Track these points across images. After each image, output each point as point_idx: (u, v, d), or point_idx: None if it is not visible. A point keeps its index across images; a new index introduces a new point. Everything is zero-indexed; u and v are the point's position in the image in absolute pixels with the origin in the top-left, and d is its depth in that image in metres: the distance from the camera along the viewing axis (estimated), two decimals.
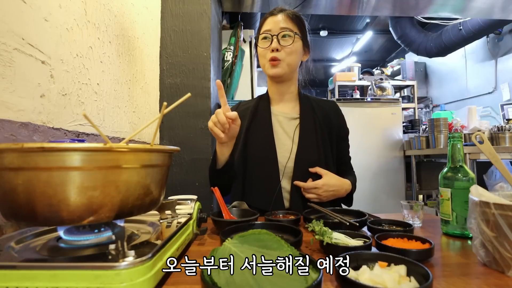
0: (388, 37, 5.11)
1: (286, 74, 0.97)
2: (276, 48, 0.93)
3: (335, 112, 1.07)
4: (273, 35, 0.94)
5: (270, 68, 0.96)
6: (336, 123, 1.05)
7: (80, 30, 0.82)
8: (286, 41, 0.94)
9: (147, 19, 1.36)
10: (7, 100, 0.57)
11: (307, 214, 0.76)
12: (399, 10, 2.52)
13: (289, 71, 0.97)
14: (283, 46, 0.94)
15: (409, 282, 0.38)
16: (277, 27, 0.94)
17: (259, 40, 0.98)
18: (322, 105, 1.06)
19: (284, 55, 0.94)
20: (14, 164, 0.36)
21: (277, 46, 0.93)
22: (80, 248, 0.43)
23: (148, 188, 0.45)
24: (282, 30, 0.94)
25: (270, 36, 0.94)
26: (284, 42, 0.94)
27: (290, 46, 0.94)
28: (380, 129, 3.17)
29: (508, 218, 0.44)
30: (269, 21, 0.96)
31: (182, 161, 1.54)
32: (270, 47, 0.94)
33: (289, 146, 0.97)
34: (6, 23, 0.57)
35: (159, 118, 0.45)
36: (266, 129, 0.99)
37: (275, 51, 0.93)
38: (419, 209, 0.75)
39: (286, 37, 0.94)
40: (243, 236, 0.43)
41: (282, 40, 0.94)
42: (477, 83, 4.13)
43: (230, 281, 0.34)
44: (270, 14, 0.98)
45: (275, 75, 0.97)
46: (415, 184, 3.05)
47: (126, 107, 1.11)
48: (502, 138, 2.32)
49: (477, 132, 0.65)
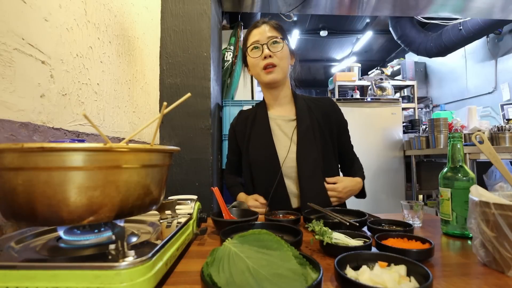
0: (388, 37, 5.11)
1: (281, 79, 1.01)
2: (269, 55, 0.97)
3: (332, 107, 1.09)
4: (262, 44, 0.98)
5: (265, 75, 0.99)
6: (335, 118, 1.07)
7: (80, 30, 0.82)
8: (275, 47, 0.98)
9: (147, 19, 1.36)
10: (7, 100, 0.57)
11: (307, 214, 0.76)
12: (399, 10, 2.52)
13: (283, 76, 1.01)
14: (274, 52, 0.98)
15: (409, 282, 0.38)
16: (264, 37, 0.99)
17: (248, 52, 1.02)
18: (318, 103, 1.09)
19: (277, 60, 0.98)
20: (14, 164, 0.36)
21: (269, 52, 0.97)
22: (80, 248, 0.43)
23: (148, 188, 0.45)
24: (270, 38, 0.98)
25: (260, 46, 0.99)
26: (274, 48, 0.98)
27: (281, 51, 0.98)
28: (380, 129, 3.17)
29: (508, 218, 0.44)
30: (255, 33, 1.01)
31: (182, 161, 1.54)
32: (262, 54, 0.98)
33: (287, 147, 1.00)
34: (6, 23, 0.57)
35: (159, 118, 0.45)
36: (265, 134, 1.02)
37: (268, 57, 0.97)
38: (419, 209, 0.75)
39: (275, 44, 0.99)
40: (243, 236, 0.43)
41: (272, 47, 0.98)
42: (477, 83, 4.13)
43: (230, 281, 0.34)
44: (254, 27, 1.03)
45: (272, 81, 1.00)
46: (415, 184, 3.05)
47: (126, 107, 1.11)
48: (502, 138, 2.32)
49: (477, 132, 0.65)
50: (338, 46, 6.03)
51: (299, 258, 0.38)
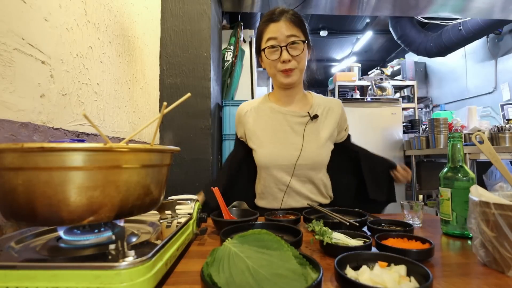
0: (388, 37, 5.11)
1: (298, 79, 0.98)
2: (288, 60, 0.91)
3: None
4: (282, 46, 0.91)
5: (284, 77, 0.95)
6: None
7: (80, 30, 0.82)
8: (295, 49, 0.92)
9: (147, 19, 1.36)
10: (7, 100, 0.57)
11: (307, 214, 0.76)
12: (399, 10, 2.52)
13: (300, 76, 0.98)
14: (294, 56, 0.92)
15: (409, 282, 0.38)
16: (283, 35, 0.91)
17: (265, 51, 0.94)
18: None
19: (295, 63, 0.93)
20: (14, 164, 0.36)
21: (288, 57, 0.91)
22: (80, 248, 0.43)
23: (148, 188, 0.45)
24: (289, 38, 0.91)
25: (279, 47, 0.91)
26: (294, 51, 0.92)
27: (301, 54, 0.92)
28: (380, 129, 3.17)
29: (508, 218, 0.44)
30: (272, 28, 0.92)
31: (182, 161, 1.54)
32: (281, 58, 0.91)
33: (299, 145, 0.96)
34: (6, 23, 0.57)
35: (159, 118, 0.45)
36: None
37: (287, 62, 0.92)
38: (419, 209, 0.75)
39: (295, 45, 0.92)
40: (243, 236, 0.43)
41: (292, 49, 0.92)
42: (477, 83, 4.13)
43: (230, 281, 0.34)
44: (271, 20, 0.93)
45: (290, 84, 0.97)
46: (415, 184, 3.05)
47: (126, 107, 1.11)
48: (502, 138, 2.32)
49: (477, 132, 0.65)
50: (338, 46, 6.04)
51: (299, 258, 0.38)
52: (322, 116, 1.02)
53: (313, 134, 0.99)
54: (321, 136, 0.99)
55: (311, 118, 0.99)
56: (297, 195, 0.97)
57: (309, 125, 0.99)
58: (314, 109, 1.02)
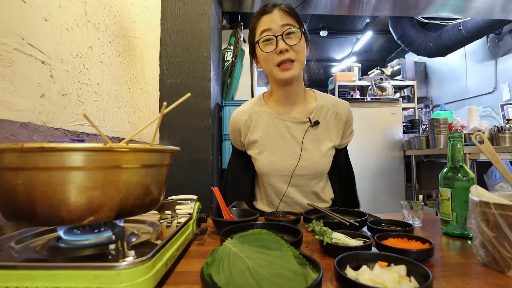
0: (388, 37, 5.10)
1: (297, 74, 0.88)
2: (285, 49, 0.83)
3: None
4: (277, 35, 0.83)
5: (281, 72, 0.85)
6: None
7: (80, 30, 0.82)
8: (292, 39, 0.84)
9: (147, 19, 1.36)
10: (7, 100, 0.57)
11: (307, 214, 0.76)
12: (399, 10, 2.52)
13: (300, 71, 0.89)
14: (291, 45, 0.83)
15: (409, 282, 0.38)
16: (278, 25, 0.84)
17: (260, 44, 0.86)
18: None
19: (294, 54, 0.84)
20: (14, 164, 0.36)
21: (285, 46, 0.83)
22: (80, 248, 0.43)
23: (148, 188, 0.45)
24: (284, 27, 0.83)
25: (274, 37, 0.84)
26: (290, 40, 0.84)
27: (299, 43, 0.84)
28: (380, 129, 3.17)
29: (508, 218, 0.44)
30: (265, 20, 0.86)
31: (182, 161, 1.54)
32: (277, 48, 0.83)
33: (298, 153, 0.91)
34: (6, 23, 0.57)
35: (159, 118, 0.45)
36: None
37: (284, 52, 0.83)
38: (419, 209, 0.75)
39: (291, 34, 0.84)
40: (243, 236, 0.43)
41: (288, 38, 0.84)
42: (477, 83, 4.13)
43: (230, 281, 0.34)
44: (263, 12, 0.87)
45: (290, 78, 0.86)
46: (415, 184, 3.05)
47: (126, 107, 1.11)
48: (502, 138, 2.32)
49: (477, 132, 0.65)
50: (338, 46, 6.03)
51: (299, 258, 0.38)
52: (325, 121, 0.95)
53: (314, 142, 0.93)
54: (322, 144, 0.93)
55: (311, 125, 0.93)
56: (297, 205, 0.94)
57: (309, 132, 0.93)
58: (317, 113, 0.94)
